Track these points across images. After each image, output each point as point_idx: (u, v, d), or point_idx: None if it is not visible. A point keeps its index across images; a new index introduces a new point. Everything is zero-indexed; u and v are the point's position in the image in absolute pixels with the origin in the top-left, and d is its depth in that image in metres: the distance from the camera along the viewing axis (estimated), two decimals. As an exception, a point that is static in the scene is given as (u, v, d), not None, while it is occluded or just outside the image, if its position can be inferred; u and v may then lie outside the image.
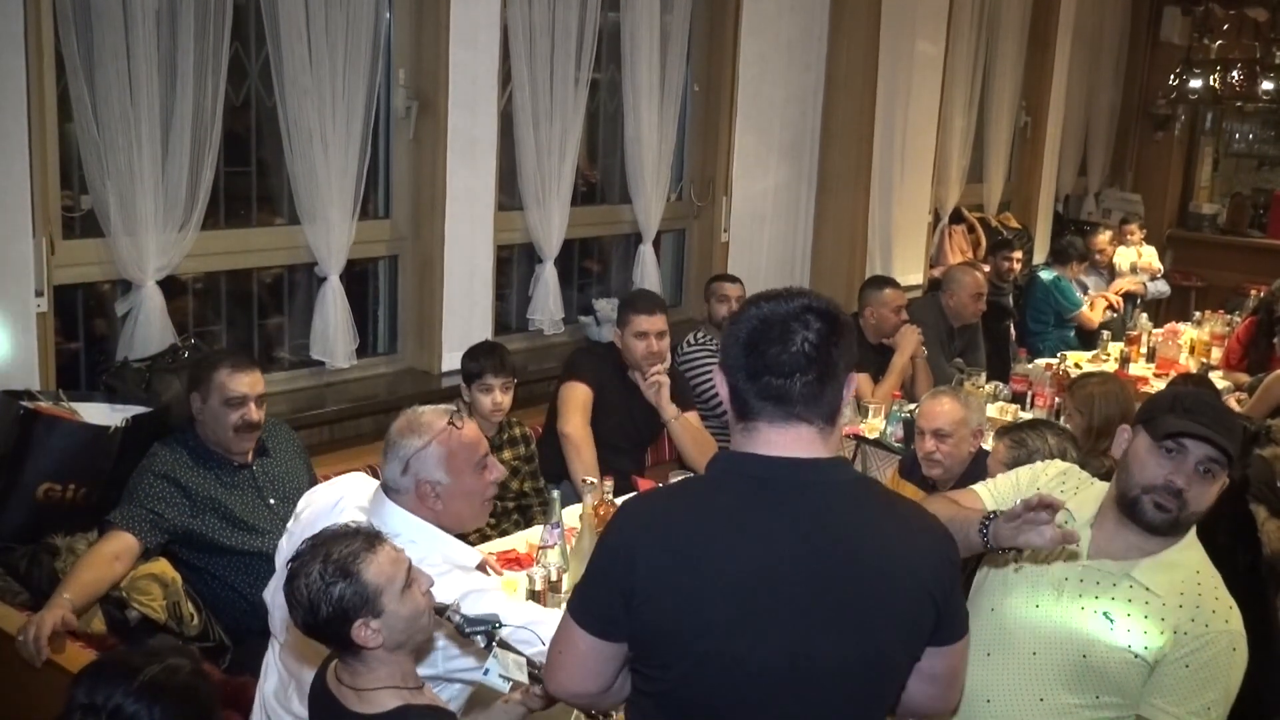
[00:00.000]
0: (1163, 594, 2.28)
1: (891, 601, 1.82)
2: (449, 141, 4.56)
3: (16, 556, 3.21)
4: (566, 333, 5.34)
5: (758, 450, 1.84)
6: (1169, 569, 2.30)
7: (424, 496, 2.58)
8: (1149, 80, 9.20)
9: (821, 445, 1.85)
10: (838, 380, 1.84)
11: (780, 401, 1.82)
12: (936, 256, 7.33)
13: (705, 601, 1.79)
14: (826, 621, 1.79)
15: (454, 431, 2.62)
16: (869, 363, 5.28)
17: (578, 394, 4.37)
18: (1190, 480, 2.27)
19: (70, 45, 3.59)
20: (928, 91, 6.84)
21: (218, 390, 3.39)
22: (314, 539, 2.14)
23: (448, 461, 2.59)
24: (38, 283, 3.53)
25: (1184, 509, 2.28)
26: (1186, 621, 2.25)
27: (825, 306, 1.84)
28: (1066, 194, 8.91)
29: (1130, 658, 2.27)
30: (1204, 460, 2.26)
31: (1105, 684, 2.30)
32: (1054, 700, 2.33)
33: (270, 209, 4.48)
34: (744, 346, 1.83)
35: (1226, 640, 2.24)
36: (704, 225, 5.99)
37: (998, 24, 7.56)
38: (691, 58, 5.70)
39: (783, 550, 1.79)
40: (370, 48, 4.32)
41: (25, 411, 3.22)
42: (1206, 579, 2.31)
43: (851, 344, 1.87)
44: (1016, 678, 2.37)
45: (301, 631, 2.16)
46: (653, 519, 1.90)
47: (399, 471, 2.59)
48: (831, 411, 1.85)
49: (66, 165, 3.76)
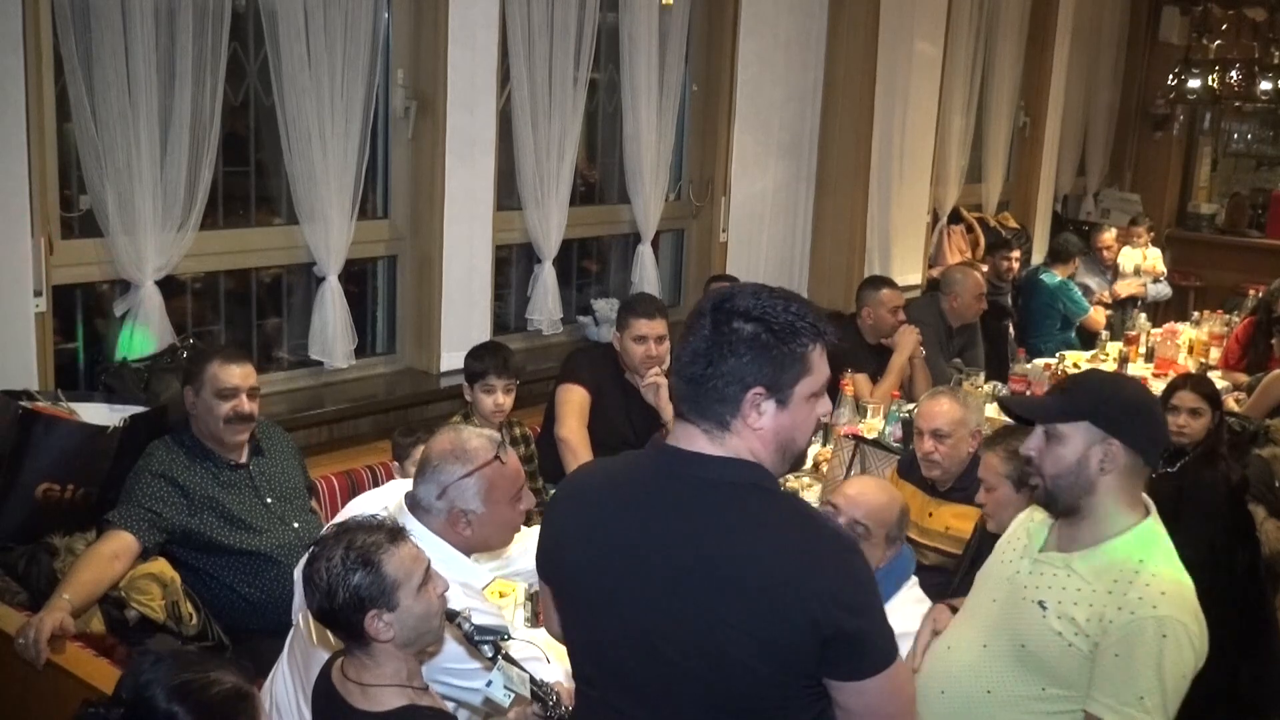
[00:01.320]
0: (1093, 580, 2.29)
1: (739, 609, 1.79)
2: (448, 141, 4.56)
3: (15, 556, 3.21)
4: (565, 333, 5.34)
5: (670, 439, 1.92)
6: (1107, 555, 2.31)
7: (455, 522, 2.58)
8: (1148, 80, 9.21)
9: (708, 445, 1.86)
10: (718, 390, 1.83)
11: (679, 398, 1.89)
12: (935, 257, 7.33)
13: (584, 564, 1.94)
14: (669, 610, 1.82)
15: (499, 466, 2.61)
16: (867, 363, 5.29)
17: (574, 397, 4.37)
18: (1040, 451, 2.36)
19: (69, 45, 3.59)
20: (926, 92, 6.84)
21: (209, 382, 3.39)
22: (339, 526, 2.17)
23: (487, 493, 2.59)
24: (36, 283, 3.53)
25: (1044, 475, 2.36)
26: (1114, 609, 2.24)
27: (751, 310, 1.83)
28: (1065, 194, 8.91)
29: (1064, 645, 2.28)
30: (1039, 430, 2.38)
31: (1047, 673, 2.31)
32: (1002, 692, 2.36)
33: (269, 209, 4.48)
34: (680, 341, 1.90)
35: (1155, 627, 2.19)
36: (703, 225, 6.00)
37: (996, 24, 7.56)
38: (690, 58, 5.70)
39: (642, 533, 1.86)
40: (369, 48, 4.32)
41: (24, 411, 3.22)
42: (1149, 567, 2.27)
43: (765, 356, 1.82)
44: (968, 670, 2.42)
45: (315, 617, 2.18)
46: (576, 481, 2.13)
47: (434, 495, 2.58)
48: (717, 419, 1.85)
49: (65, 165, 3.76)
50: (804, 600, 1.77)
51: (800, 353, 1.85)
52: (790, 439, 1.89)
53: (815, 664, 1.81)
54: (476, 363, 4.09)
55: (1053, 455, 2.34)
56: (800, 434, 1.90)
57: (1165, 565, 2.29)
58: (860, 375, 5.16)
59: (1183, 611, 2.22)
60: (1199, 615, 2.25)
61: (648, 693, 1.88)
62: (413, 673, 2.18)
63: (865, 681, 1.83)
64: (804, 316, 1.86)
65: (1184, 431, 4.10)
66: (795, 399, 1.86)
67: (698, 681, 1.83)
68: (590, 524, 1.95)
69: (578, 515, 1.98)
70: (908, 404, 4.81)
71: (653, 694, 1.87)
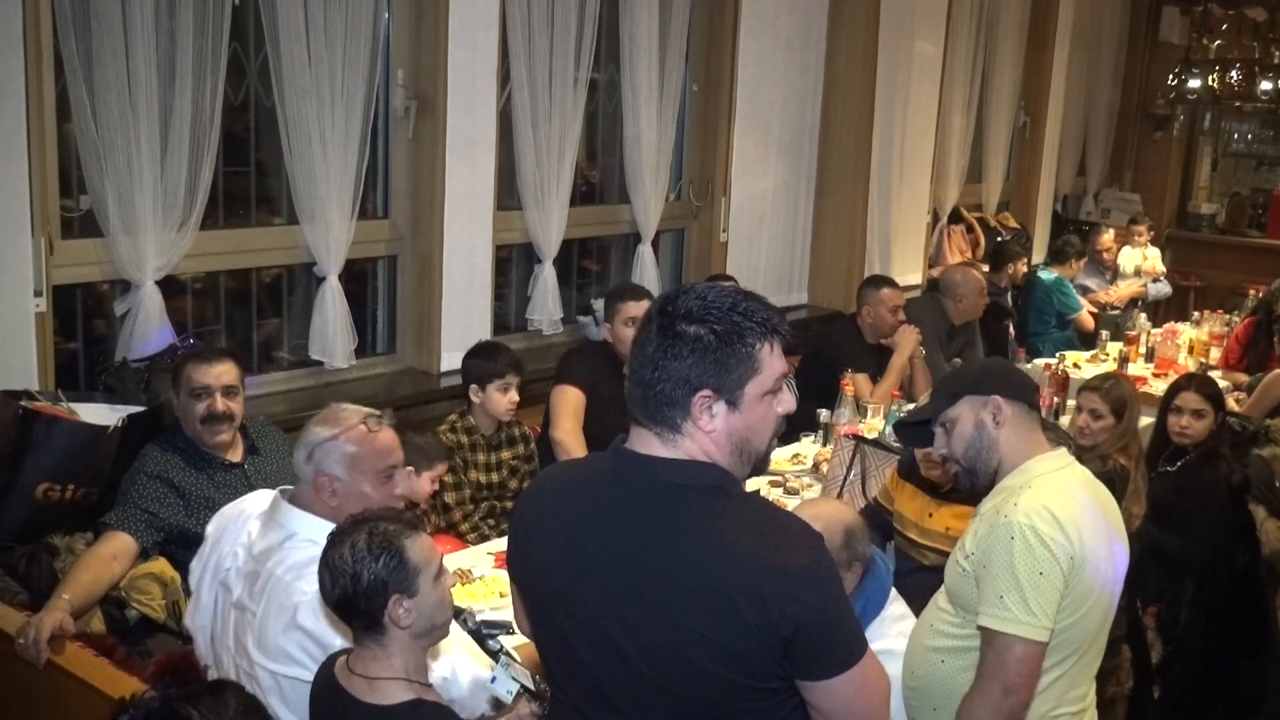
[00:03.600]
0: (983, 510, 2.49)
1: (697, 613, 1.77)
2: (448, 141, 4.57)
3: (15, 556, 3.21)
4: (565, 333, 5.34)
5: (628, 442, 1.90)
6: (998, 493, 2.49)
7: (320, 489, 2.59)
8: (1148, 80, 9.20)
9: (661, 448, 1.85)
10: (673, 393, 1.81)
11: (631, 401, 1.87)
12: (935, 256, 7.33)
13: (544, 567, 1.94)
14: (628, 615, 1.82)
15: (364, 432, 2.62)
16: (867, 363, 5.28)
17: (569, 398, 4.36)
18: (943, 445, 2.57)
19: (69, 45, 3.59)
20: (926, 92, 6.85)
21: (185, 383, 3.38)
22: (354, 517, 2.18)
23: (352, 461, 2.59)
24: (36, 283, 3.55)
25: (959, 461, 2.54)
26: (987, 531, 2.40)
27: (694, 311, 1.81)
28: (1065, 194, 8.91)
29: (959, 571, 2.46)
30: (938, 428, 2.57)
31: (959, 601, 2.47)
32: (939, 627, 2.53)
33: (269, 209, 4.48)
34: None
35: (1004, 531, 2.34)
36: (703, 225, 6.00)
37: (996, 24, 7.56)
38: (690, 58, 5.70)
39: (599, 537, 1.86)
40: (369, 48, 4.33)
41: (24, 411, 3.22)
42: (1017, 489, 2.43)
43: (711, 357, 1.80)
44: (924, 616, 2.62)
45: (332, 607, 2.18)
46: (541, 483, 2.12)
47: (304, 458, 2.61)
48: (667, 422, 1.83)
49: (65, 165, 3.77)
50: (761, 601, 1.74)
51: (746, 352, 1.81)
52: (745, 440, 1.86)
53: (779, 665, 1.79)
54: (489, 362, 4.08)
55: (955, 438, 2.53)
56: (756, 434, 1.87)
57: (1040, 488, 2.42)
58: (860, 375, 5.15)
59: (1032, 515, 2.34)
60: (1053, 518, 2.35)
61: (615, 699, 1.87)
62: (420, 667, 2.19)
63: (833, 680, 1.81)
64: (752, 316, 1.82)
65: (1186, 432, 4.09)
66: (747, 399, 1.83)
67: (662, 687, 1.81)
68: (550, 527, 1.94)
69: (539, 518, 1.97)
70: (908, 404, 4.80)
71: (620, 700, 1.86)
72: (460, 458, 4.06)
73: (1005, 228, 7.80)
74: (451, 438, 4.06)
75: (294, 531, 2.53)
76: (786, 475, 4.31)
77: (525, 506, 2.06)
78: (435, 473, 3.74)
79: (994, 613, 2.33)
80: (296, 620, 2.41)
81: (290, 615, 2.42)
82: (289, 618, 2.42)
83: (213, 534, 2.72)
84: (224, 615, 2.60)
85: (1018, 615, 2.30)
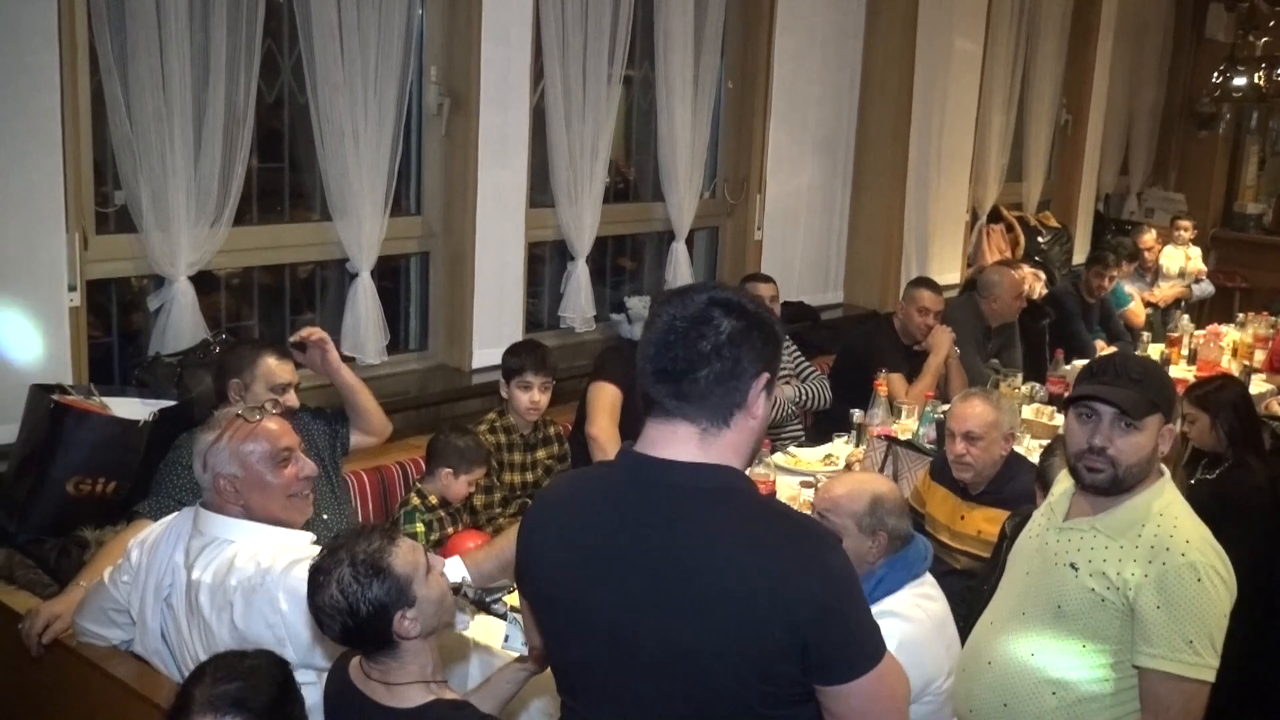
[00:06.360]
0: (1118, 536, 2.40)
1: (718, 619, 1.75)
2: (480, 138, 4.56)
3: (46, 549, 3.24)
4: (598, 330, 5.33)
5: (638, 446, 1.87)
6: (1127, 512, 2.42)
7: (222, 492, 2.59)
8: (1193, 78, 9.09)
9: (697, 446, 1.82)
10: (737, 379, 1.80)
11: (671, 398, 1.81)
12: (974, 256, 7.26)
13: (556, 580, 1.91)
14: (646, 623, 1.79)
15: (243, 424, 2.62)
16: (901, 363, 5.23)
17: (605, 395, 4.35)
18: (1110, 438, 2.40)
19: (104, 42, 3.61)
20: (966, 89, 6.78)
21: (264, 377, 3.40)
22: (329, 546, 2.15)
23: (242, 457, 2.59)
24: (70, 277, 3.57)
25: (1117, 465, 2.40)
26: (1145, 562, 2.33)
27: (731, 300, 1.82)
28: (1107, 193, 8.81)
29: (1097, 600, 2.38)
30: (1115, 417, 2.39)
31: (1084, 631, 2.40)
32: (1044, 654, 2.45)
33: (303, 205, 4.49)
34: (653, 345, 1.83)
35: (1190, 573, 2.29)
36: (737, 223, 5.97)
37: (1038, 20, 7.48)
38: (725, 55, 5.67)
39: (615, 545, 1.83)
40: (402, 44, 4.33)
41: (55, 405, 3.24)
42: (1169, 519, 2.38)
43: (763, 342, 1.82)
44: (1011, 639, 2.52)
45: (338, 640, 2.17)
46: (549, 497, 2.07)
47: (200, 468, 2.62)
48: (724, 412, 1.82)
49: (100, 161, 3.79)
50: (783, 605, 1.73)
51: (779, 335, 1.88)
52: (764, 429, 1.91)
53: (799, 670, 1.77)
54: (514, 359, 4.09)
55: (1131, 444, 2.40)
56: (764, 426, 1.91)
57: (1182, 514, 2.41)
58: (895, 375, 5.10)
59: (1210, 554, 2.33)
60: (1222, 554, 2.36)
61: (629, 707, 1.85)
62: (436, 666, 2.18)
63: (852, 684, 1.78)
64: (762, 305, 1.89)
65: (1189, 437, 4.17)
66: (771, 386, 1.88)
67: (680, 695, 1.79)
68: (563, 537, 1.91)
69: (551, 529, 1.95)
70: (942, 405, 4.75)
71: (635, 708, 1.84)
72: (496, 460, 4.06)
73: (1045, 227, 7.71)
74: (490, 439, 4.06)
75: (215, 536, 2.57)
76: (818, 476, 4.28)
77: (535, 520, 2.01)
78: (473, 476, 3.75)
79: (1183, 659, 2.29)
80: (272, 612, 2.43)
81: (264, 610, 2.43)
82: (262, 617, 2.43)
83: (140, 559, 2.71)
84: (180, 633, 2.59)
85: (1209, 661, 2.29)
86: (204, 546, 2.56)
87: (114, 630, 2.80)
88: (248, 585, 2.44)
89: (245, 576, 2.46)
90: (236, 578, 2.46)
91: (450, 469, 3.73)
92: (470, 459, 3.73)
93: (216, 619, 2.46)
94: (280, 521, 2.62)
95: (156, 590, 2.64)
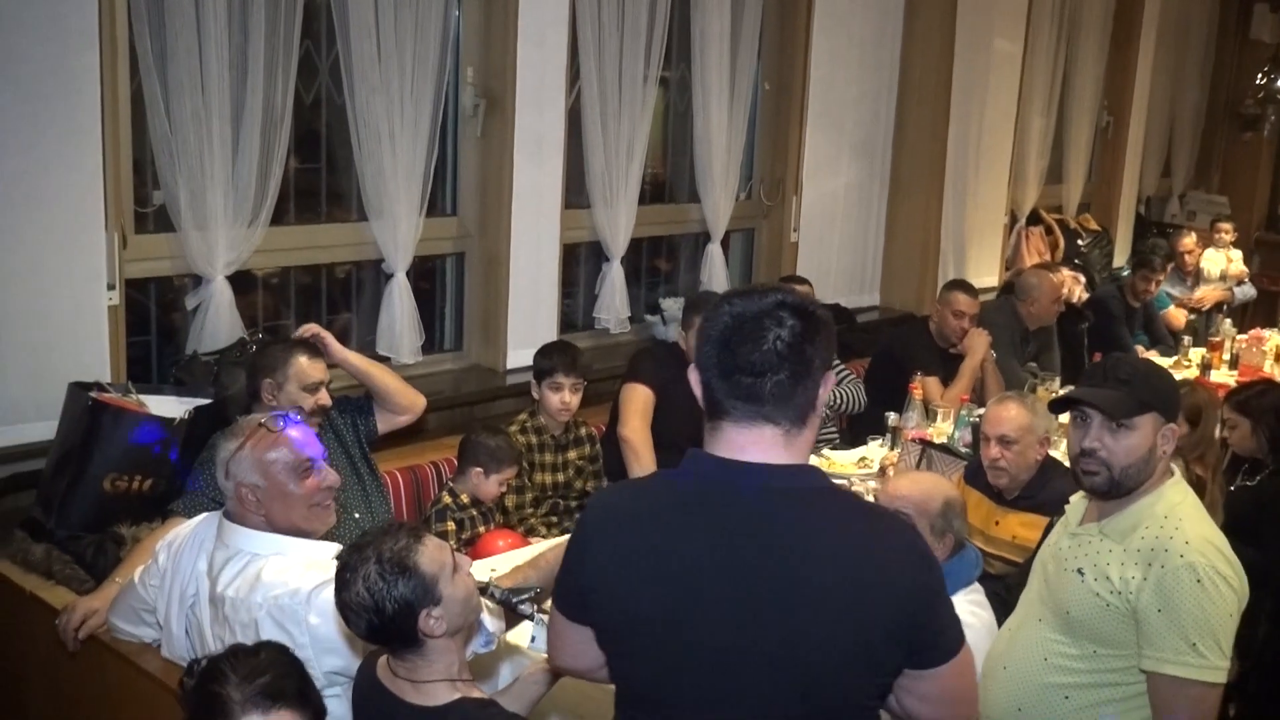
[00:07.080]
0: (1122, 540, 2.40)
1: (829, 617, 1.76)
2: (516, 139, 4.57)
3: (83, 545, 3.27)
4: (633, 332, 5.33)
5: (718, 451, 1.83)
6: (1133, 517, 2.41)
7: (243, 501, 2.58)
8: (1237, 79, 8.98)
9: (783, 448, 1.81)
10: (811, 379, 1.80)
11: (749, 400, 1.79)
12: (1013, 259, 7.20)
13: (642, 598, 1.84)
14: (752, 631, 1.77)
15: (265, 434, 2.61)
16: (937, 365, 5.20)
17: (638, 396, 4.35)
18: (1100, 440, 2.40)
19: (144, 43, 3.65)
20: (1005, 90, 6.73)
21: (297, 376, 3.43)
22: (356, 544, 2.15)
23: (264, 466, 2.57)
24: (109, 276, 3.61)
25: (1111, 467, 2.40)
26: (1145, 565, 2.33)
27: (799, 303, 1.81)
28: (1149, 195, 8.72)
29: (1103, 606, 2.38)
30: (1104, 419, 2.39)
31: (1094, 636, 2.41)
32: (1056, 659, 2.46)
33: (339, 205, 4.52)
34: (717, 344, 1.81)
35: (1189, 574, 2.28)
36: (773, 225, 5.94)
37: (1079, 21, 7.41)
38: (762, 56, 5.66)
39: (710, 555, 1.79)
40: (439, 46, 4.35)
41: (93, 403, 3.27)
42: (1172, 520, 2.36)
43: (828, 343, 1.82)
44: (1026, 644, 2.54)
45: (364, 638, 2.17)
46: (609, 515, 1.95)
47: (222, 476, 2.61)
48: (801, 412, 1.81)
49: (139, 161, 3.83)
50: (893, 592, 1.77)
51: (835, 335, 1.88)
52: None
53: (904, 657, 1.81)
54: (545, 359, 4.11)
55: (1124, 447, 2.39)
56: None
57: (1189, 515, 2.38)
58: (930, 378, 5.06)
59: (1211, 554, 2.30)
60: (1228, 554, 2.33)
61: (730, 715, 1.83)
62: (462, 664, 2.19)
63: (944, 666, 1.84)
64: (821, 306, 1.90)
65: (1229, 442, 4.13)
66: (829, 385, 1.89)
67: (788, 699, 1.79)
68: (644, 554, 1.84)
69: (624, 547, 1.87)
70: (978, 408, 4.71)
71: (737, 716, 1.82)
72: (528, 460, 4.07)
73: (1085, 230, 7.64)
74: (522, 439, 4.08)
75: (240, 549, 2.56)
76: (852, 479, 4.25)
77: (594, 543, 1.92)
78: (504, 475, 3.76)
79: (1186, 661, 2.28)
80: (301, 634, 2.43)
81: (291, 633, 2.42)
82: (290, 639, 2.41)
83: (166, 564, 2.72)
84: (204, 638, 2.60)
85: (1214, 662, 2.28)
86: (228, 559, 2.56)
87: (144, 629, 2.83)
88: (275, 606, 2.44)
89: (272, 596, 2.45)
90: (262, 595, 2.46)
91: (481, 469, 3.74)
92: (501, 459, 3.75)
93: (241, 634, 2.46)
94: (301, 531, 2.62)
95: (181, 597, 2.66)
